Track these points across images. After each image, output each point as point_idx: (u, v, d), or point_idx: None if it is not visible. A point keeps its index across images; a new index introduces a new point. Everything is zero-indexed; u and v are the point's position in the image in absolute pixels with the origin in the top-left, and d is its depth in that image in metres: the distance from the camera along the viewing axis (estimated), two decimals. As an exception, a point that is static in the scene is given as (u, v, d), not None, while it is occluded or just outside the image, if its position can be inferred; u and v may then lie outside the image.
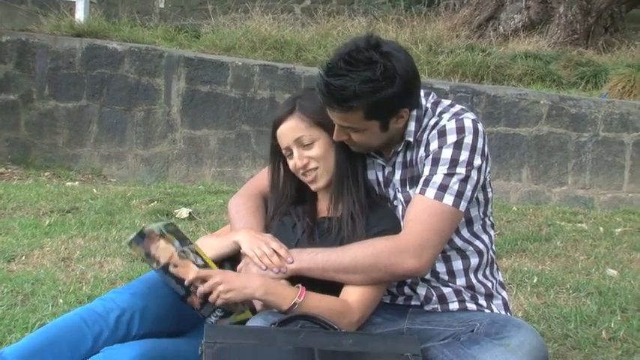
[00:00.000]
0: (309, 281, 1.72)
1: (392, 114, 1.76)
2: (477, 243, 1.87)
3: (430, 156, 1.77)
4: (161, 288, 1.76)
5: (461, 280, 1.86)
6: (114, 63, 5.75)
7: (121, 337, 1.68)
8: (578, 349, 2.37)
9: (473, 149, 1.75)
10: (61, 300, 2.61)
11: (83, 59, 5.78)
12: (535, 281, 3.10)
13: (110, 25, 6.19)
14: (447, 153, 1.74)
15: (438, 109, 1.84)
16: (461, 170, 1.73)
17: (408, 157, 1.85)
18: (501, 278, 1.99)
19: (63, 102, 5.82)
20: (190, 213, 4.11)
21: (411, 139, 1.82)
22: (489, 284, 1.90)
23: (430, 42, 6.14)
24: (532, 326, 1.74)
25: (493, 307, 1.87)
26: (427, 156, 1.78)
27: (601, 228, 4.22)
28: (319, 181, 1.86)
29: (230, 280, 1.67)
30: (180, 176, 5.68)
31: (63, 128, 5.82)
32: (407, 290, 1.88)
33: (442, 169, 1.74)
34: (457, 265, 1.86)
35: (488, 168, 1.83)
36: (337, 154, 1.84)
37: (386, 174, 1.90)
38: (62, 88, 5.80)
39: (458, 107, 1.85)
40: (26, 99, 5.83)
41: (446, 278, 1.86)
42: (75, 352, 1.63)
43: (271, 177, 1.97)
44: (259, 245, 1.77)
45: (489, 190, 1.89)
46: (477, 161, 1.75)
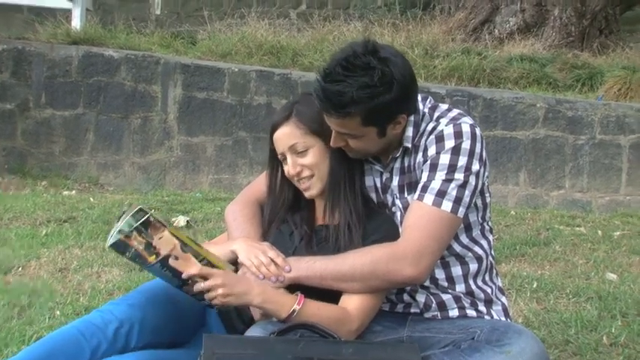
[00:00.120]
0: (307, 290, 1.71)
1: (389, 120, 1.75)
2: (476, 248, 1.86)
3: (428, 161, 1.75)
4: (159, 298, 1.74)
5: (460, 287, 1.85)
6: (110, 70, 5.73)
7: (120, 350, 1.66)
8: (579, 355, 2.36)
9: (471, 154, 1.73)
10: (58, 312, 2.60)
11: (80, 67, 5.76)
12: (535, 286, 3.09)
13: (106, 33, 6.17)
14: (445, 158, 1.73)
15: (436, 114, 1.83)
16: (459, 176, 1.72)
17: (406, 163, 1.84)
18: (501, 284, 1.98)
19: (59, 110, 5.79)
20: (188, 221, 4.10)
21: (409, 145, 1.81)
22: (489, 290, 1.88)
23: (426, 46, 6.13)
24: (533, 332, 1.73)
25: (493, 313, 1.86)
26: (425, 161, 1.77)
27: (599, 231, 4.21)
28: (312, 189, 1.85)
29: (231, 285, 1.65)
30: (177, 184, 5.66)
31: (59, 137, 5.79)
32: (406, 297, 1.87)
33: (440, 175, 1.72)
34: (456, 271, 1.84)
35: (486, 173, 1.82)
36: (332, 162, 1.83)
37: (384, 180, 1.89)
38: (59, 97, 5.77)
39: (455, 112, 1.84)
40: (23, 108, 5.80)
41: (445, 285, 1.84)
42: (73, 366, 1.61)
43: (269, 181, 1.95)
44: (256, 254, 1.76)
45: (487, 195, 1.88)
46: (475, 166, 1.74)
